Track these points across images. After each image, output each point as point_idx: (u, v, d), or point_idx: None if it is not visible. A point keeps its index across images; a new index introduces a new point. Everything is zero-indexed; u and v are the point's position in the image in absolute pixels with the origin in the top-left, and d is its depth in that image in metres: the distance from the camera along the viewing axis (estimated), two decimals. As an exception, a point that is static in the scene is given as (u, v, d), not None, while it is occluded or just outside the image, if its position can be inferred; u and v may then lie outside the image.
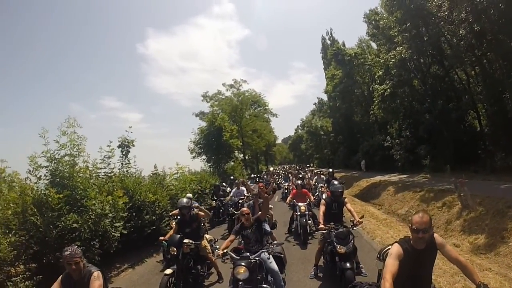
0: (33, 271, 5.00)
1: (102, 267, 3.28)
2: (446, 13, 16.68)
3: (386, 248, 3.34)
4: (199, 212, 6.15)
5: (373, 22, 25.83)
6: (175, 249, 5.22)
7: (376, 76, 26.26)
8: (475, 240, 8.98)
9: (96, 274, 2.98)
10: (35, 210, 5.58)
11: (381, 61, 24.15)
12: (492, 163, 16.47)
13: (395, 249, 2.66)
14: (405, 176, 22.04)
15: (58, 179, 6.33)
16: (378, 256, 3.59)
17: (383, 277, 2.49)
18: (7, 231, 5.07)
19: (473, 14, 14.99)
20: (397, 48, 21.03)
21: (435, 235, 2.71)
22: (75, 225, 5.81)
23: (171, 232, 5.73)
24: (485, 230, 9.01)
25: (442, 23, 18.19)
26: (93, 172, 7.53)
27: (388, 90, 22.79)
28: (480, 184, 13.00)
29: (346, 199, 5.77)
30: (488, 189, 11.46)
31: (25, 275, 4.86)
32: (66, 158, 6.56)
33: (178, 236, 5.41)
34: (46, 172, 6.38)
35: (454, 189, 11.68)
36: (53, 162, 6.38)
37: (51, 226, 5.61)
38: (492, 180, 13.78)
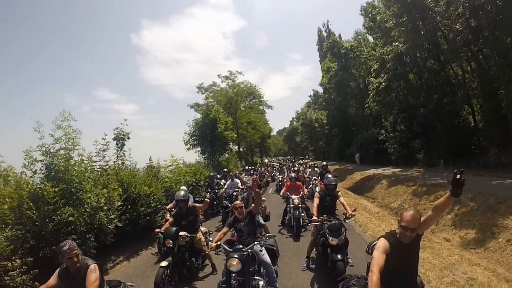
0: (29, 265, 5.03)
1: (97, 260, 3.32)
2: (444, 8, 16.61)
3: (374, 242, 3.44)
4: (196, 205, 6.26)
5: (370, 15, 25.64)
6: (171, 241, 5.31)
7: (371, 70, 26.21)
8: (466, 235, 9.06)
9: (93, 266, 3.04)
10: (31, 204, 5.57)
11: (377, 54, 24.11)
12: (485, 158, 16.56)
13: (382, 243, 2.76)
14: (398, 169, 22.18)
15: (53, 173, 6.33)
16: (367, 249, 3.69)
17: (370, 270, 2.57)
18: (3, 226, 5.08)
19: (470, 9, 14.92)
20: (394, 43, 20.98)
21: None
22: (70, 218, 5.83)
23: (166, 224, 5.76)
24: (475, 225, 9.10)
25: (438, 17, 18.18)
26: (88, 165, 7.52)
27: (383, 83, 22.85)
28: (472, 179, 12.95)
29: (339, 193, 5.88)
30: (480, 185, 11.48)
31: (21, 269, 4.89)
32: (61, 151, 6.56)
33: (174, 228, 5.49)
34: (42, 166, 6.37)
35: (446, 184, 11.79)
36: (48, 156, 6.38)
37: (47, 220, 5.63)
38: (485, 175, 13.83)
